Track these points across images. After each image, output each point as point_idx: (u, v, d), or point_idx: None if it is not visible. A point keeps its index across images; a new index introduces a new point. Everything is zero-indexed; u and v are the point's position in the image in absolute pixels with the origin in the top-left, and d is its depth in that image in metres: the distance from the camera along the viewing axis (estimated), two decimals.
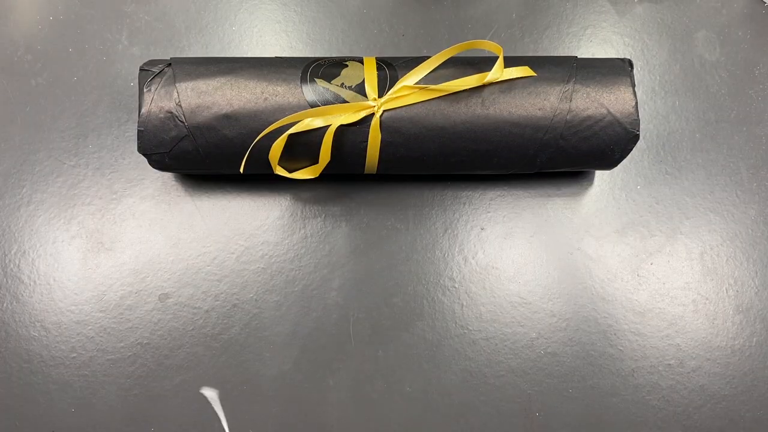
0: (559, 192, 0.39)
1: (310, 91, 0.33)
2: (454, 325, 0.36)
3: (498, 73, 0.33)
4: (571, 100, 0.33)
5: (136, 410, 0.35)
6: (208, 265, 0.37)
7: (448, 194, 0.39)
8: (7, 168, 0.39)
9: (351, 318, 0.37)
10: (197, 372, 0.36)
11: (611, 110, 0.33)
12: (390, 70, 0.34)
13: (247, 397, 0.35)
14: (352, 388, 0.35)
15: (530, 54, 0.42)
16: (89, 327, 0.36)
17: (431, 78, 0.33)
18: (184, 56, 0.37)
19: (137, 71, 0.39)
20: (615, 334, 0.36)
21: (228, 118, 0.33)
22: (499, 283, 0.37)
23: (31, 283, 0.37)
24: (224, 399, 0.35)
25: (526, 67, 0.34)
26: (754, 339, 0.37)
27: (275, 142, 0.32)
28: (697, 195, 0.39)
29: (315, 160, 0.34)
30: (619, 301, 0.37)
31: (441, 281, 0.37)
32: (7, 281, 0.37)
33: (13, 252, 0.38)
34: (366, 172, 0.36)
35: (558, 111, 0.33)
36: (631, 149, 0.34)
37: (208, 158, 0.34)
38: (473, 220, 0.38)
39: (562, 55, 0.39)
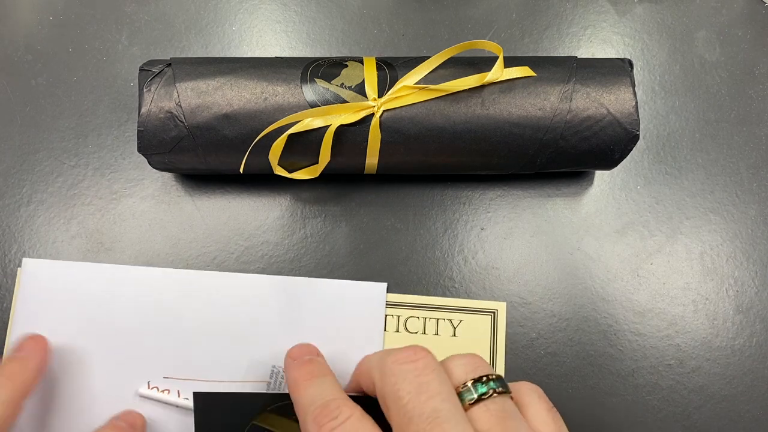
0: (559, 192, 0.39)
1: (309, 91, 0.33)
2: None
3: (498, 73, 0.33)
4: (571, 100, 0.33)
5: None
6: (208, 265, 0.37)
7: (448, 194, 0.39)
8: (7, 168, 0.39)
9: None
10: None
11: (611, 110, 0.33)
12: (390, 70, 0.34)
13: None
14: None
15: (530, 54, 0.42)
16: None
17: (431, 78, 0.33)
18: (184, 56, 0.37)
19: (137, 71, 0.39)
20: (615, 334, 0.36)
21: (228, 118, 0.33)
22: (499, 283, 0.37)
23: None
24: None
25: (526, 67, 0.34)
26: (754, 339, 0.37)
27: (275, 142, 0.32)
28: (697, 195, 0.39)
29: (315, 160, 0.34)
30: (619, 301, 0.37)
31: (441, 281, 0.37)
32: (7, 281, 0.37)
33: (13, 252, 0.38)
34: (366, 172, 0.36)
35: (558, 111, 0.33)
36: (631, 149, 0.34)
37: (208, 158, 0.34)
38: (473, 220, 0.38)
39: (562, 55, 0.39)
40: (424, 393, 0.21)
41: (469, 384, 0.22)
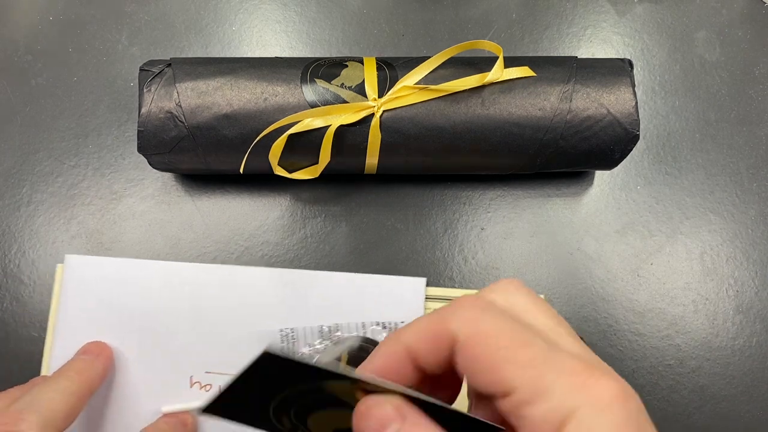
0: (559, 192, 0.39)
1: (310, 92, 0.33)
2: None
3: (498, 73, 0.33)
4: (571, 101, 0.33)
5: None
6: None
7: (448, 194, 0.39)
8: (7, 168, 0.39)
9: None
10: None
11: (611, 110, 0.33)
12: (390, 70, 0.34)
13: None
14: None
15: (530, 54, 0.42)
16: None
17: (431, 78, 0.33)
18: (184, 56, 0.37)
19: (137, 71, 0.38)
20: (615, 334, 0.36)
21: (228, 118, 0.33)
22: None
23: (31, 284, 0.37)
24: None
25: (526, 67, 0.34)
26: (754, 339, 0.37)
27: (275, 143, 0.32)
28: (697, 195, 0.39)
29: (315, 160, 0.34)
30: (619, 301, 0.37)
31: (441, 281, 0.37)
32: (7, 281, 0.37)
33: (13, 252, 0.38)
34: (366, 172, 0.36)
35: (558, 111, 0.33)
36: (631, 149, 0.34)
37: (208, 158, 0.34)
38: (473, 220, 0.38)
39: (562, 55, 0.39)
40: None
41: None
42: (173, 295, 0.35)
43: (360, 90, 0.33)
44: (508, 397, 0.17)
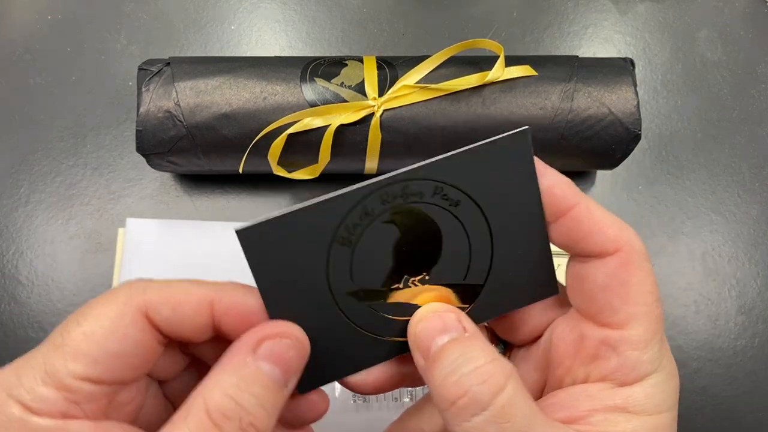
0: None
1: (309, 91, 0.32)
2: None
3: (499, 72, 0.32)
4: (572, 100, 0.33)
5: None
6: None
7: None
8: (5, 168, 0.39)
9: None
10: None
11: (613, 110, 0.33)
12: (390, 70, 0.33)
13: None
14: None
15: (531, 53, 0.42)
16: None
17: (432, 77, 0.33)
18: (183, 55, 0.37)
19: (136, 70, 0.38)
20: None
21: (227, 117, 0.32)
22: None
23: (29, 284, 0.37)
24: None
25: (527, 66, 0.33)
26: (756, 340, 0.36)
27: (274, 142, 0.32)
28: (699, 195, 0.39)
29: (315, 160, 0.34)
30: None
31: None
32: (4, 282, 0.37)
33: (10, 252, 0.37)
34: (366, 172, 0.36)
35: (559, 110, 0.33)
36: (633, 149, 0.34)
37: (207, 158, 0.34)
38: None
39: (563, 54, 0.39)
40: None
41: None
42: (231, 253, 0.35)
43: (360, 89, 0.33)
44: (616, 329, 0.19)
